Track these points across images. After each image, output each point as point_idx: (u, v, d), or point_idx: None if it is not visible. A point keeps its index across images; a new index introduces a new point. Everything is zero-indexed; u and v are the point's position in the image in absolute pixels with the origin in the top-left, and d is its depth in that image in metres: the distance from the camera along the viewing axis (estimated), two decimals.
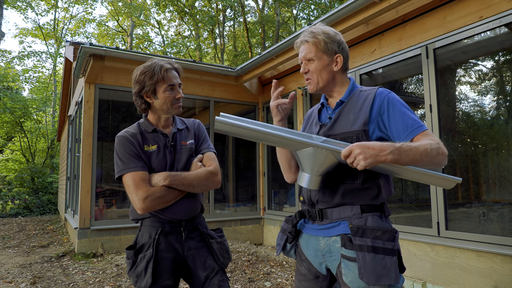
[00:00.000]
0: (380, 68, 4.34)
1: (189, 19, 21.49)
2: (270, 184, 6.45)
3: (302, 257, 1.53)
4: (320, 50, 1.46)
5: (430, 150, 1.25)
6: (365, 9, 3.69)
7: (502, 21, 3.09)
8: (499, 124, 3.42)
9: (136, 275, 1.62)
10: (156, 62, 1.68)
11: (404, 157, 1.22)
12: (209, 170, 1.72)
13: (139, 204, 1.56)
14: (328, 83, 1.49)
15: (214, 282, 1.68)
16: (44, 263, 4.86)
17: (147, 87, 1.66)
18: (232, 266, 4.51)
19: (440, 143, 1.29)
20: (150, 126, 1.73)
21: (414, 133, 1.33)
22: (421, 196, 3.72)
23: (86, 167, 5.23)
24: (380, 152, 1.20)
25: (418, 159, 1.24)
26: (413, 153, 1.23)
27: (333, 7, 18.27)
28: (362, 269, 1.26)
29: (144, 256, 1.63)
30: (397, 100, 1.41)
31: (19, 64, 21.57)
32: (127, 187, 1.60)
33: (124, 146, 1.65)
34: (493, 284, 2.99)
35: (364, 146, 1.21)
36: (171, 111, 1.72)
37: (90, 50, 4.86)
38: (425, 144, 1.26)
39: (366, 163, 1.19)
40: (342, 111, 1.46)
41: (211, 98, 6.32)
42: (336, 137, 1.42)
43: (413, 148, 1.24)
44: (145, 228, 1.68)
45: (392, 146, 1.22)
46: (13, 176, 15.02)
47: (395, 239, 1.33)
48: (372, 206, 1.37)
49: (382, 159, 1.20)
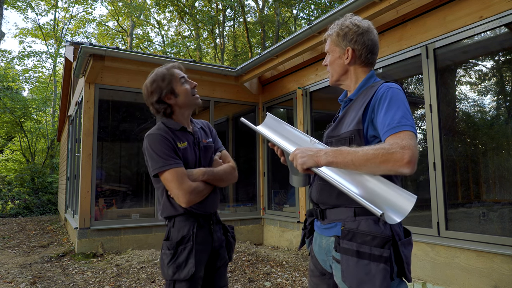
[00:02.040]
0: (380, 68, 4.34)
1: (189, 19, 21.48)
2: (270, 184, 6.45)
3: (312, 253, 1.56)
4: (333, 43, 1.48)
5: (374, 156, 1.14)
6: (365, 9, 3.69)
7: (502, 21, 3.09)
8: (499, 124, 3.42)
9: (176, 265, 1.66)
10: (157, 69, 1.77)
11: (340, 159, 1.21)
12: (232, 165, 1.87)
13: (185, 198, 1.62)
14: (341, 76, 1.49)
15: (222, 272, 1.83)
16: (44, 263, 4.86)
17: (165, 89, 1.72)
18: (232, 266, 4.51)
19: (401, 148, 1.13)
20: (177, 124, 1.77)
21: (390, 132, 1.21)
22: (421, 196, 3.72)
23: (86, 167, 5.23)
24: (316, 153, 1.26)
25: (356, 164, 1.18)
26: (350, 157, 1.18)
27: (333, 7, 18.26)
28: (345, 273, 1.26)
29: (185, 247, 1.67)
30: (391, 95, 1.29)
31: (19, 64, 21.55)
32: (169, 182, 1.64)
33: (161, 142, 1.68)
34: (493, 284, 2.99)
35: (304, 148, 1.30)
36: (194, 102, 1.79)
37: (90, 50, 4.86)
38: (369, 149, 1.16)
39: (302, 161, 1.26)
40: (348, 109, 1.43)
41: (211, 98, 6.32)
42: (335, 138, 1.42)
43: (351, 152, 1.19)
44: (180, 224, 1.72)
45: (330, 149, 1.26)
46: (13, 176, 15.02)
47: (386, 245, 1.23)
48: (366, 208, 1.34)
49: (317, 159, 1.25)
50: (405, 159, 1.11)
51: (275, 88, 6.32)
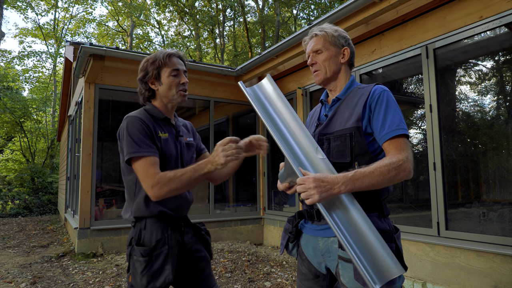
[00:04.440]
0: (380, 68, 4.34)
1: (189, 19, 21.49)
2: (270, 184, 6.45)
3: (302, 257, 1.54)
4: (328, 41, 1.51)
5: (388, 171, 1.24)
6: (365, 9, 3.69)
7: (502, 21, 3.09)
8: (499, 124, 3.41)
9: (151, 274, 1.51)
10: (161, 50, 1.70)
11: (358, 185, 1.24)
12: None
13: (153, 191, 1.48)
14: (334, 74, 1.52)
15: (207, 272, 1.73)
16: (44, 263, 4.86)
17: (150, 71, 1.65)
18: (232, 266, 4.51)
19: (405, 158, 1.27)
20: (161, 114, 1.67)
21: (388, 136, 1.32)
22: (421, 196, 3.72)
23: (86, 167, 5.23)
24: (333, 186, 1.22)
25: (374, 183, 1.25)
26: (368, 180, 1.24)
27: (333, 7, 18.27)
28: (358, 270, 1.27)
29: (160, 252, 1.55)
30: (387, 99, 1.39)
31: (19, 64, 21.56)
32: (139, 171, 1.51)
33: (139, 127, 1.56)
34: (493, 284, 2.99)
35: (319, 178, 1.21)
36: (176, 98, 1.68)
37: (90, 50, 4.86)
38: (382, 165, 1.25)
39: (321, 197, 1.20)
40: (338, 108, 1.47)
41: (211, 98, 6.32)
42: (330, 135, 1.43)
43: (367, 175, 1.24)
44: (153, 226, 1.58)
45: (345, 177, 1.23)
46: (13, 176, 15.02)
47: (392, 239, 1.32)
48: (369, 206, 1.36)
49: (336, 191, 1.22)
50: (410, 169, 1.28)
51: None
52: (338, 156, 1.39)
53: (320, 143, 1.45)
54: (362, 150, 1.37)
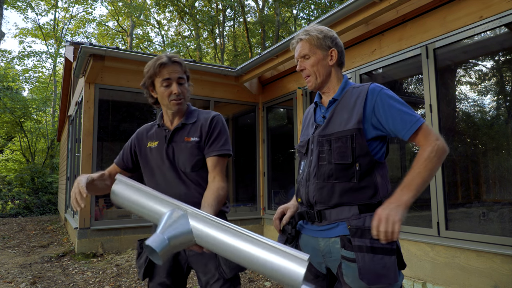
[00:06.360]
0: (380, 68, 4.34)
1: (189, 19, 21.49)
2: (270, 184, 6.45)
3: None
4: (314, 45, 1.49)
5: (431, 163, 1.29)
6: (365, 9, 3.69)
7: (502, 21, 3.08)
8: (499, 124, 3.42)
9: (138, 265, 1.67)
10: (159, 55, 1.67)
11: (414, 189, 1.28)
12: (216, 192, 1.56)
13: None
14: (325, 77, 1.51)
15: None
16: (44, 263, 4.86)
17: (146, 81, 1.68)
18: None
19: (435, 140, 1.32)
20: (160, 121, 1.75)
21: (413, 130, 1.34)
22: (421, 196, 3.72)
23: (86, 167, 5.23)
24: (399, 203, 1.26)
25: (428, 180, 1.30)
26: (421, 180, 1.28)
27: (333, 7, 18.27)
28: (362, 270, 1.27)
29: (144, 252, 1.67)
30: (391, 96, 1.40)
31: (19, 64, 21.56)
32: None
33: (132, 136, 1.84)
34: (493, 284, 2.99)
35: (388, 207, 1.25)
36: (170, 107, 1.65)
37: (90, 50, 4.86)
38: (424, 160, 1.29)
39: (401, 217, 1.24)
40: (336, 109, 1.47)
41: (211, 98, 6.32)
42: (331, 136, 1.42)
43: (417, 176, 1.29)
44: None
45: (400, 192, 1.27)
46: (13, 176, 15.01)
47: None
48: (370, 205, 1.36)
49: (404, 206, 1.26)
50: (444, 146, 1.33)
51: (275, 88, 6.32)
52: (340, 157, 1.39)
53: (320, 145, 1.45)
54: (363, 151, 1.37)
